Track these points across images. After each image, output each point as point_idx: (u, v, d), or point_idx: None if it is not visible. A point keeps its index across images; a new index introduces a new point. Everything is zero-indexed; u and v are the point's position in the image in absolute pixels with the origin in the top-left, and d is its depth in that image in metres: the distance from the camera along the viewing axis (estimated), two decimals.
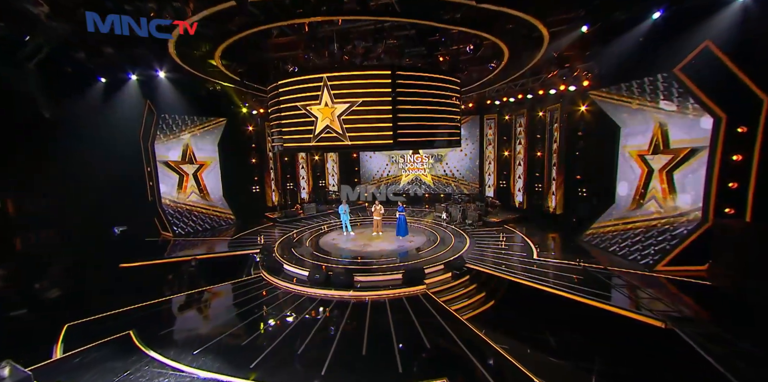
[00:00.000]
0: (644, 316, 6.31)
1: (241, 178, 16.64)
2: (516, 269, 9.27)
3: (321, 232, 13.85)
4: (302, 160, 18.77)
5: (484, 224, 14.20)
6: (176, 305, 8.33)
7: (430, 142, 9.43)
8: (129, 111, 12.55)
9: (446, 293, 9.22)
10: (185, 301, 8.48)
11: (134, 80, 12.52)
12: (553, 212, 14.10)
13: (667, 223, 8.80)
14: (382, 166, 19.63)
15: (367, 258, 10.62)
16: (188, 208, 14.11)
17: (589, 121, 12.08)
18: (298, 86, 8.97)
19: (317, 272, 9.22)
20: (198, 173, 14.57)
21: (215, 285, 9.35)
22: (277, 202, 17.79)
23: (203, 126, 14.34)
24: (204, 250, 11.86)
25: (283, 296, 8.81)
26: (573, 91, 12.25)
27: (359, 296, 8.58)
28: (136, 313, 7.59)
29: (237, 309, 8.11)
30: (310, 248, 11.71)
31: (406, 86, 8.73)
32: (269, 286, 9.44)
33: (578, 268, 8.98)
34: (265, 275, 9.98)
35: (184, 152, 13.99)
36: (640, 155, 9.76)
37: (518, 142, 15.48)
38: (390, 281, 9.19)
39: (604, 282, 8.03)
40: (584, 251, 10.57)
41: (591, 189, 12.40)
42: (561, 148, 13.37)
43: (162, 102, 12.92)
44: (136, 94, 12.54)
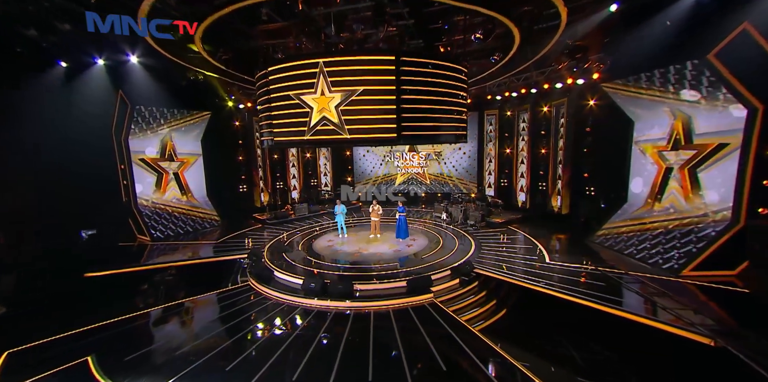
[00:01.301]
0: (687, 331, 5.62)
1: (227, 177, 15.51)
2: (528, 274, 8.55)
3: (314, 234, 12.90)
4: (293, 158, 17.73)
5: (487, 225, 13.49)
6: (148, 322, 7.25)
7: (436, 136, 8.60)
8: (97, 101, 11.13)
9: (455, 301, 8.44)
10: (160, 316, 7.42)
11: (101, 65, 11.04)
12: (558, 212, 13.49)
13: (690, 223, 8.21)
14: (377, 164, 18.77)
15: (365, 263, 9.74)
16: (168, 209, 12.93)
17: (598, 116, 11.49)
18: (291, 73, 7.99)
19: (312, 281, 8.30)
20: (179, 171, 13.40)
21: (196, 296, 8.31)
22: (266, 202, 16.72)
23: (185, 120, 13.16)
24: (185, 255, 10.76)
25: (273, 307, 7.86)
26: (581, 84, 11.63)
27: (360, 307, 7.70)
28: (98, 333, 6.48)
29: (221, 325, 7.11)
30: (303, 253, 10.76)
31: (411, 74, 7.87)
32: (258, 296, 8.47)
33: (596, 273, 8.32)
34: (253, 283, 9.00)
35: (163, 149, 12.80)
36: (657, 151, 9.17)
37: (521, 138, 14.83)
38: (393, 289, 8.35)
39: (628, 289, 7.37)
40: (597, 253, 9.93)
41: (600, 188, 11.81)
42: (567, 144, 12.76)
43: (136, 92, 11.60)
44: (104, 81, 11.11)
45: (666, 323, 5.81)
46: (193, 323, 7.36)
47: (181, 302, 7.93)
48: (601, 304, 6.79)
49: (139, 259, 10.33)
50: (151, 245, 11.55)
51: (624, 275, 7.98)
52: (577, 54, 9.82)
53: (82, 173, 10.77)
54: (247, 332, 6.73)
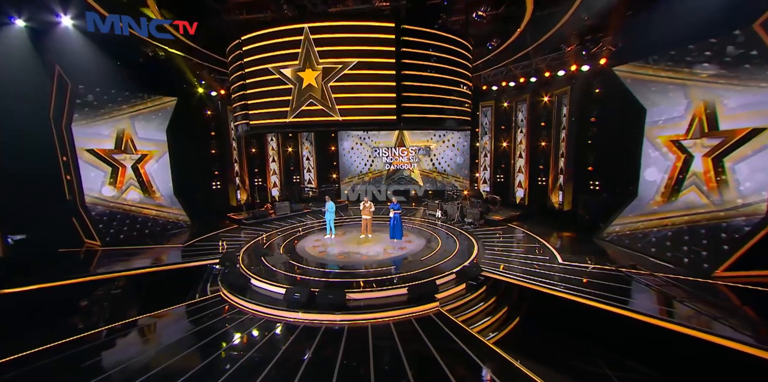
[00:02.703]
0: (743, 344, 4.74)
1: (197, 173, 13.86)
2: (540, 276, 7.60)
3: (297, 235, 11.54)
4: (273, 152, 16.22)
5: (486, 223, 12.55)
6: (84, 351, 5.68)
7: (440, 121, 7.50)
8: (22, 78, 8.88)
9: (463, 310, 7.37)
10: (100, 342, 5.88)
11: (21, 28, 8.60)
12: (559, 209, 12.73)
13: (716, 218, 7.49)
14: (364, 160, 17.57)
15: (358, 268, 8.52)
16: (125, 209, 11.19)
17: (605, 105, 10.75)
18: (270, 41, 6.66)
19: (296, 290, 7.01)
20: (140, 166, 11.68)
21: (152, 313, 6.81)
22: (244, 200, 15.15)
23: (145, 106, 11.44)
24: (143, 262, 9.16)
25: (250, 323, 6.52)
26: (587, 71, 10.87)
27: (354, 320, 6.49)
28: (6, 371, 4.93)
29: (182, 349, 5.68)
30: (285, 256, 9.40)
31: (413, 45, 6.71)
32: (232, 310, 7.09)
33: (617, 274, 7.46)
34: (225, 294, 7.59)
35: (119, 139, 11.04)
36: (673, 141, 8.45)
37: (519, 131, 14.01)
38: (392, 297, 7.18)
39: (661, 293, 6.51)
40: (610, 252, 9.13)
41: (606, 182, 11.08)
42: (570, 136, 12.00)
43: (79, 68, 9.54)
44: (27, 51, 8.76)
45: (720, 336, 4.91)
46: (146, 348, 5.88)
47: (132, 322, 6.42)
48: (633, 311, 5.88)
49: (82, 268, 8.59)
50: (101, 251, 9.81)
51: (649, 277, 7.15)
52: (590, 34, 8.97)
53: (10, 167, 8.79)
54: (214, 357, 5.37)
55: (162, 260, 9.43)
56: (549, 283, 7.18)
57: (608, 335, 6.18)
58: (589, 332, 6.42)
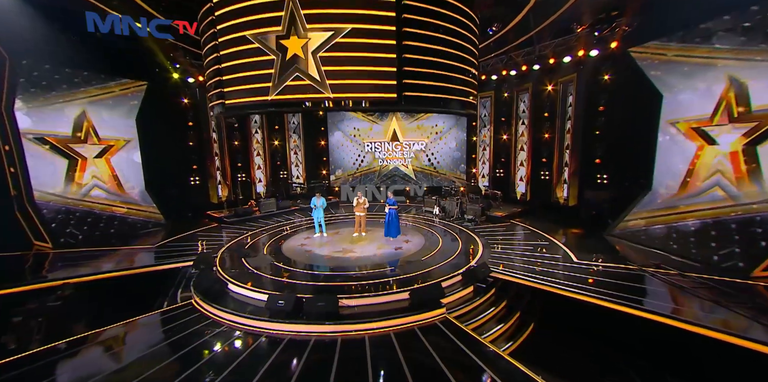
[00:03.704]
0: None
1: (173, 167, 12.62)
2: (555, 276, 6.81)
3: (283, 234, 10.51)
4: (258, 145, 15.07)
5: (487, 219, 11.75)
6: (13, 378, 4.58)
7: (445, 101, 6.59)
8: None
9: (471, 316, 6.49)
10: (38, 365, 4.76)
11: None
12: (564, 204, 12.02)
13: (748, 211, 6.81)
14: (356, 155, 16.59)
15: (351, 270, 7.57)
16: (86, 206, 9.91)
17: (615, 93, 10.04)
18: (248, 2, 5.62)
19: (281, 296, 6.02)
20: (104, 158, 10.41)
21: (107, 327, 5.70)
22: (225, 197, 13.97)
23: (109, 91, 10.15)
24: (103, 266, 7.98)
25: (225, 337, 5.51)
26: (595, 56, 10.16)
27: (349, 331, 5.55)
28: None
29: (141, 369, 4.62)
30: (270, 258, 8.37)
31: (417, 11, 5.78)
32: (205, 320, 6.05)
33: (640, 274, 6.72)
34: (198, 301, 6.53)
35: (78, 126, 9.71)
36: (695, 128, 7.77)
37: (521, 122, 13.25)
38: (392, 303, 6.27)
39: (696, 295, 5.77)
40: (623, 250, 8.43)
41: (615, 175, 10.39)
42: (576, 127, 11.29)
43: (20, 39, 8.00)
44: None
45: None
46: (97, 370, 4.78)
47: (82, 338, 5.31)
48: (667, 316, 5.10)
49: (19, 275, 7.32)
50: (53, 254, 8.55)
51: (679, 277, 6.42)
52: (603, 13, 8.22)
53: None
54: (180, 380, 4.34)
55: (127, 263, 8.26)
56: (566, 284, 6.38)
57: (640, 343, 5.42)
58: (617, 339, 5.65)
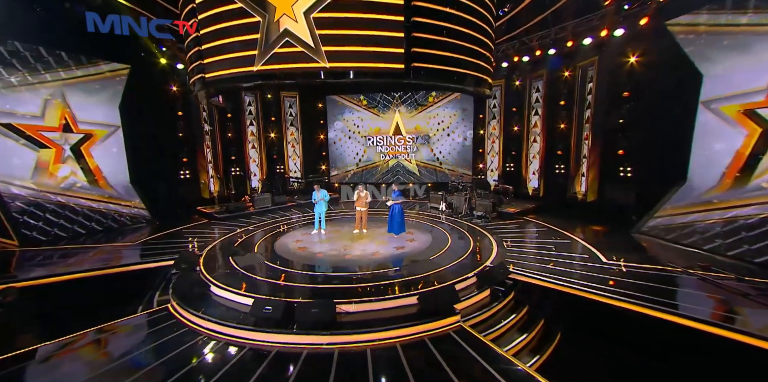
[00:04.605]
0: None
1: (162, 160, 11.78)
2: (585, 279, 5.93)
3: (277, 231, 9.65)
4: (253, 138, 14.21)
5: (499, 216, 10.86)
6: None
7: (459, 76, 5.69)
8: None
9: (489, 324, 5.61)
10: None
11: None
12: (582, 200, 11.11)
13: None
14: (357, 149, 15.75)
15: (351, 270, 6.71)
16: (61, 200, 9.04)
17: (643, 76, 9.11)
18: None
19: (268, 301, 5.17)
20: (82, 148, 9.56)
21: (69, 336, 4.85)
22: (218, 192, 13.13)
23: (87, 75, 9.26)
24: (73, 266, 7.12)
25: (201, 349, 4.66)
26: (620, 36, 9.25)
27: (349, 343, 4.69)
28: None
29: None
30: (260, 256, 7.51)
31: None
32: (182, 328, 5.20)
33: (685, 276, 5.82)
34: (175, 306, 5.67)
35: (51, 112, 8.81)
36: (747, 110, 6.85)
37: (533, 112, 12.34)
38: (397, 309, 5.40)
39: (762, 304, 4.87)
40: (658, 249, 7.54)
41: (641, 167, 9.47)
42: (597, 116, 10.38)
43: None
44: None
45: None
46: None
47: (26, 353, 4.44)
48: (734, 330, 4.21)
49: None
50: (19, 252, 7.69)
51: (737, 281, 5.51)
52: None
53: None
54: None
55: (100, 263, 7.38)
56: (598, 288, 5.50)
57: (694, 356, 4.52)
58: (661, 352, 4.76)
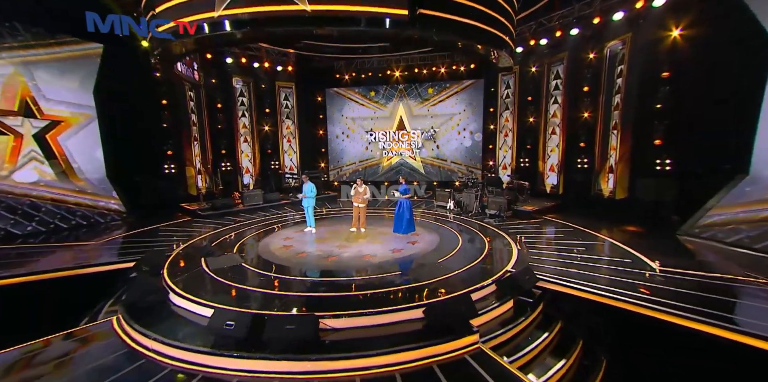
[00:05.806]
0: None
1: (143, 152, 10.73)
2: (634, 290, 4.68)
3: (266, 230, 8.51)
4: (245, 130, 13.16)
5: (514, 215, 9.61)
6: None
7: (475, 30, 4.51)
8: None
9: (513, 344, 4.38)
10: None
11: None
12: (609, 197, 9.81)
13: None
14: (358, 145, 14.70)
15: (343, 275, 5.53)
16: (19, 194, 7.98)
17: (686, 53, 7.83)
18: None
19: (231, 314, 4.01)
20: (48, 136, 8.54)
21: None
22: (205, 188, 12.06)
23: (53, 52, 8.26)
24: (28, 267, 6.04)
25: (142, 379, 3.51)
26: (660, 6, 8.01)
27: (334, 372, 3.52)
28: None
29: None
30: (238, 257, 6.35)
31: None
32: (121, 350, 4.06)
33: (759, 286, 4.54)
34: (120, 321, 4.53)
35: (10, 94, 7.78)
36: None
37: (552, 101, 11.12)
38: (398, 325, 4.20)
39: None
40: (716, 254, 6.24)
41: (684, 159, 8.16)
42: (628, 101, 9.13)
43: None
44: None
45: None
46: None
47: None
48: None
49: None
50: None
51: None
52: None
53: None
54: None
55: (46, 264, 6.27)
56: (652, 301, 4.25)
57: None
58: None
